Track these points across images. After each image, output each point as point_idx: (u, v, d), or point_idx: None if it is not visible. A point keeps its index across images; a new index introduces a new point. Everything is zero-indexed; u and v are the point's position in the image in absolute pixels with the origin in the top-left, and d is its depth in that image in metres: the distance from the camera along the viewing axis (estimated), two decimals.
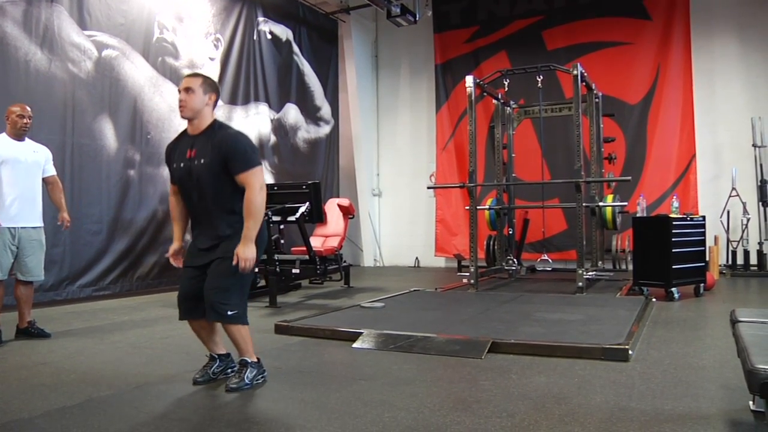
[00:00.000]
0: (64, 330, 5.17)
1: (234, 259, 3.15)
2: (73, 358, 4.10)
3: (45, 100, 6.70)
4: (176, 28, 8.43)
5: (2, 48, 6.34)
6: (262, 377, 3.39)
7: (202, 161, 3.25)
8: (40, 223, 4.92)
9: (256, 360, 3.39)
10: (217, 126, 3.35)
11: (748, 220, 8.93)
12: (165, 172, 8.06)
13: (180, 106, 3.31)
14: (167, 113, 8.16)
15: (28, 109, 4.87)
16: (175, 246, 3.51)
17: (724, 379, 3.29)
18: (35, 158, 4.90)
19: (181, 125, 3.49)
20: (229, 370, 3.49)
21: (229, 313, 3.22)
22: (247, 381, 3.27)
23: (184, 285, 3.39)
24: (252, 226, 3.19)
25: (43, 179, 5.02)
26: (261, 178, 3.27)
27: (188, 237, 3.57)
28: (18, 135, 4.82)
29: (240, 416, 2.82)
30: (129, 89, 7.69)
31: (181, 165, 3.34)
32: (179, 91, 3.33)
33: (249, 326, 3.37)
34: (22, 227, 4.75)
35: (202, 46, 8.87)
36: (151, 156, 7.93)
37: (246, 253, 3.15)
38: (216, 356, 3.50)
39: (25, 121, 4.81)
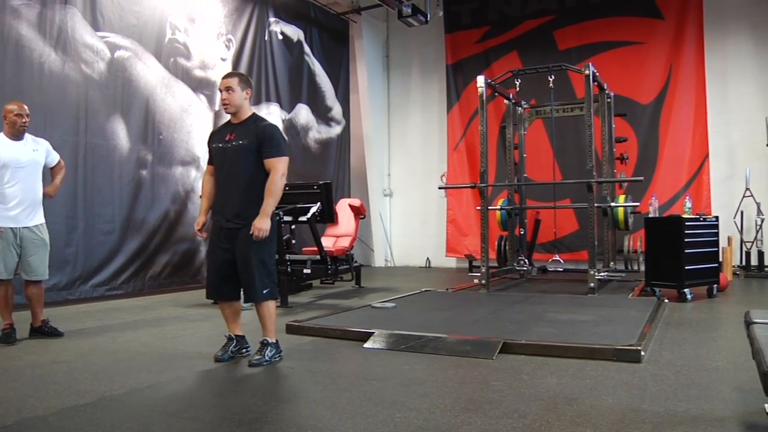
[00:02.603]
0: (77, 329, 5.21)
1: (252, 230, 3.64)
2: (86, 357, 4.13)
3: (58, 100, 6.76)
4: (188, 29, 8.47)
5: (17, 50, 6.41)
6: (279, 356, 3.87)
7: (240, 142, 3.78)
8: (41, 221, 4.92)
9: (275, 341, 3.87)
10: (257, 117, 3.92)
11: (762, 220, 8.87)
12: (177, 172, 8.15)
13: (224, 104, 3.86)
14: (179, 114, 8.20)
15: (26, 107, 4.83)
16: (201, 219, 4.04)
17: (738, 381, 3.27)
18: (35, 157, 4.86)
19: (193, 126, 3.65)
20: (244, 350, 3.99)
21: (264, 292, 3.76)
22: (267, 358, 3.77)
23: (214, 267, 3.92)
24: (271, 203, 3.70)
25: (51, 169, 5.05)
26: (285, 166, 3.79)
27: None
28: (17, 134, 4.77)
29: (251, 415, 2.82)
30: (141, 90, 7.74)
31: (219, 145, 3.89)
32: (220, 91, 3.86)
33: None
34: (24, 227, 4.75)
35: (214, 47, 8.91)
36: (163, 156, 7.98)
37: (261, 223, 3.65)
38: (234, 336, 3.98)
39: (23, 120, 4.77)
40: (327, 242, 7.82)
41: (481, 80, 7.65)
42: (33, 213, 4.85)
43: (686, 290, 6.34)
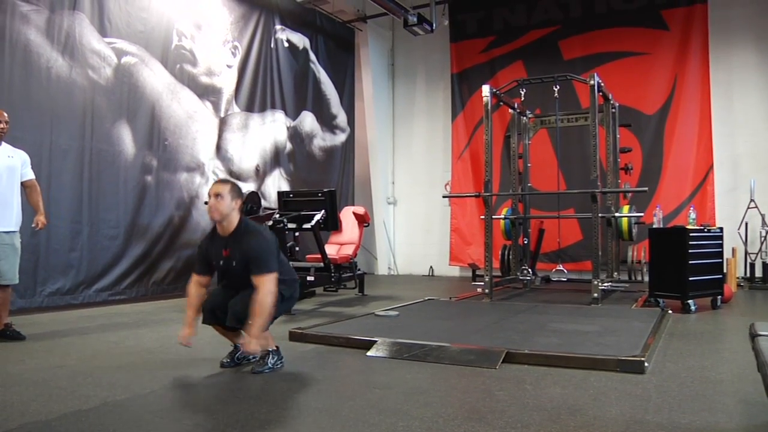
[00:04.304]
0: (80, 334, 5.21)
1: (246, 342, 3.55)
2: (88, 362, 4.13)
3: (65, 105, 6.80)
4: (194, 35, 8.52)
5: (25, 55, 6.45)
6: (281, 362, 3.87)
7: (234, 263, 3.73)
8: (14, 228, 4.89)
9: (275, 348, 3.87)
10: (243, 229, 3.75)
11: (767, 232, 8.84)
12: (182, 178, 8.17)
13: (210, 210, 3.73)
14: (184, 120, 8.24)
15: (5, 114, 4.84)
16: (188, 331, 3.81)
17: (743, 394, 3.25)
18: (11, 163, 4.87)
19: (199, 132, 3.62)
20: (251, 357, 3.91)
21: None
22: (269, 365, 3.79)
23: (214, 299, 3.86)
24: (257, 324, 3.52)
25: (22, 183, 5.00)
26: (273, 284, 3.60)
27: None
28: None
29: (254, 423, 2.82)
30: (147, 96, 7.77)
31: (221, 263, 3.81)
32: (209, 196, 3.73)
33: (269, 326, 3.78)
34: None
35: (220, 54, 8.95)
36: (168, 162, 8.00)
37: (253, 346, 3.53)
38: (239, 345, 3.91)
39: (1, 126, 4.78)
40: (331, 250, 7.82)
41: (486, 89, 7.67)
42: (5, 218, 4.81)
43: (690, 301, 6.32)
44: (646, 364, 3.75)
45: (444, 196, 10.05)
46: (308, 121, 10.78)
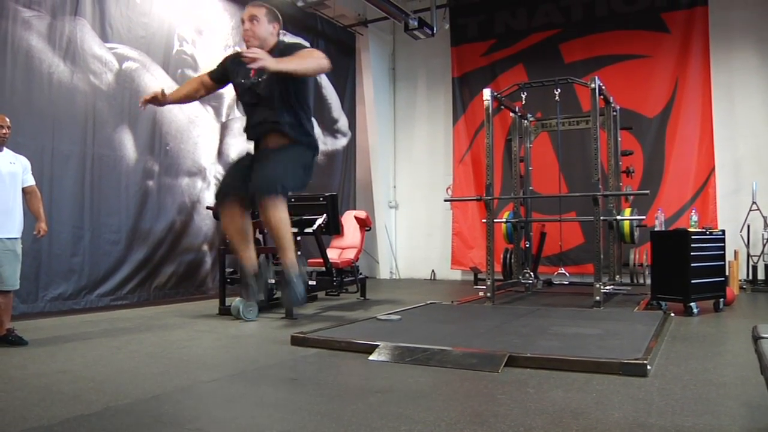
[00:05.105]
0: (82, 339, 5.21)
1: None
2: (91, 367, 4.13)
3: (67, 111, 6.82)
4: (196, 40, 8.54)
5: (27, 60, 6.47)
6: (306, 286, 3.34)
7: (264, 77, 3.24)
8: (16, 235, 4.90)
9: (298, 269, 3.26)
10: (280, 45, 3.35)
11: None
12: (183, 183, 8.16)
13: (246, 36, 3.27)
14: (186, 125, 8.25)
15: (7, 119, 4.85)
16: (158, 91, 3.48)
17: (746, 397, 3.24)
18: (12, 169, 4.89)
19: (200, 137, 3.59)
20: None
21: (277, 186, 3.13)
22: (299, 294, 3.24)
23: (232, 171, 3.39)
24: (288, 62, 3.07)
25: (23, 190, 5.02)
26: (321, 56, 3.17)
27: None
28: None
29: (256, 427, 2.82)
30: None
31: (242, 81, 3.34)
32: (243, 21, 3.28)
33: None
34: None
35: (221, 59, 8.94)
36: (170, 167, 8.01)
37: (267, 59, 2.91)
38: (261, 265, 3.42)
39: (3, 131, 4.80)
40: (332, 254, 7.82)
41: (487, 93, 7.66)
42: (7, 224, 4.83)
43: (692, 304, 6.31)
44: (648, 367, 3.74)
45: (445, 200, 10.04)
46: None
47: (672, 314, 6.10)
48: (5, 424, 2.88)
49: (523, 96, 8.30)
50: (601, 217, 7.33)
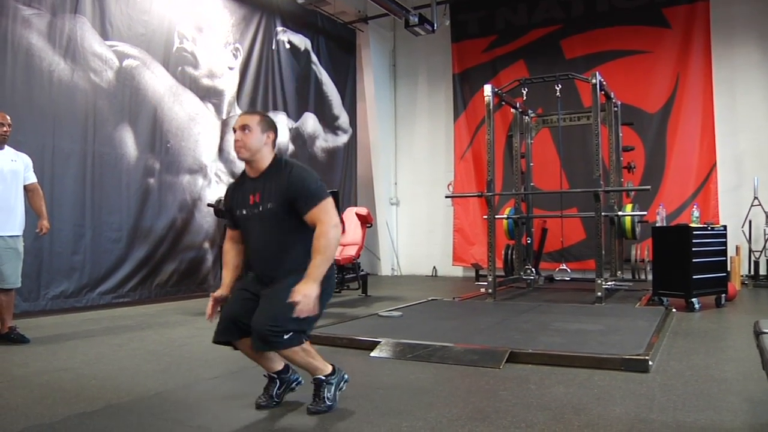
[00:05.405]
0: (84, 336, 5.22)
1: (292, 295, 2.70)
2: (92, 365, 4.13)
3: (67, 109, 6.81)
4: (196, 38, 8.52)
5: (27, 59, 6.46)
6: (344, 384, 3.09)
7: (269, 206, 2.92)
8: (17, 232, 4.90)
9: (330, 371, 3.01)
10: (282, 164, 3.02)
11: None
12: (184, 180, 8.16)
13: (237, 147, 2.98)
14: (187, 122, 8.24)
15: (8, 117, 4.85)
16: (222, 292, 3.06)
17: (747, 392, 3.24)
18: (14, 167, 4.89)
19: (201, 134, 3.53)
20: (294, 385, 3.16)
21: (285, 337, 2.79)
22: (327, 402, 2.96)
23: (234, 305, 2.97)
24: (319, 264, 2.78)
25: (24, 187, 5.01)
26: (333, 210, 2.91)
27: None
28: None
29: (258, 424, 2.82)
30: (149, 98, 7.78)
31: (244, 212, 3.01)
32: (234, 131, 2.99)
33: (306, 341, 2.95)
34: None
35: (222, 56, 8.96)
36: (171, 165, 8.01)
37: (306, 288, 2.71)
38: (274, 375, 3.08)
39: (4, 129, 4.80)
40: None
41: (488, 89, 7.66)
42: (8, 222, 4.83)
43: (694, 300, 6.30)
44: (650, 362, 3.74)
45: (447, 197, 10.05)
46: (310, 122, 10.78)
47: (674, 310, 6.10)
48: (7, 421, 2.88)
49: (524, 92, 8.30)
50: (603, 213, 7.33)
